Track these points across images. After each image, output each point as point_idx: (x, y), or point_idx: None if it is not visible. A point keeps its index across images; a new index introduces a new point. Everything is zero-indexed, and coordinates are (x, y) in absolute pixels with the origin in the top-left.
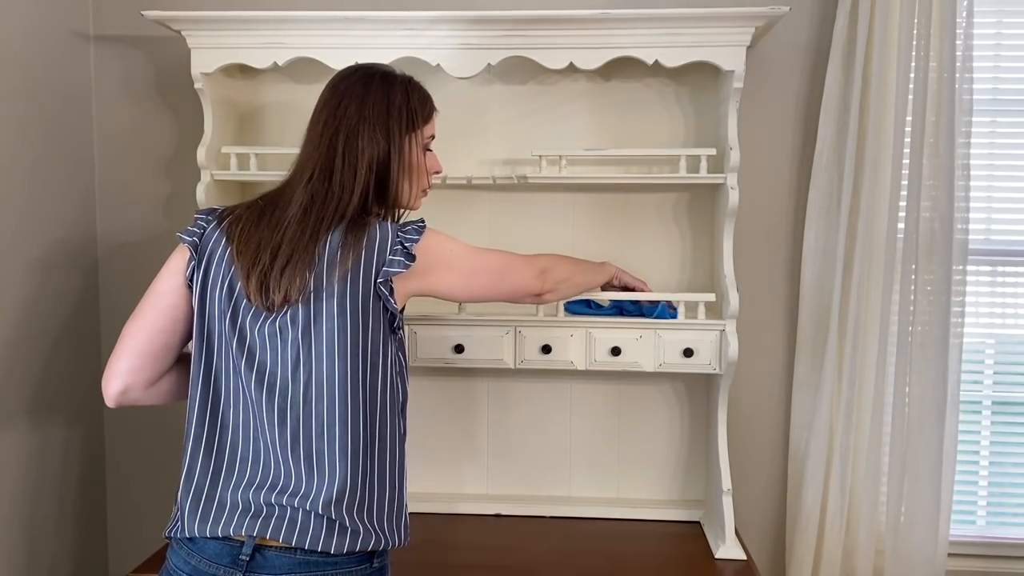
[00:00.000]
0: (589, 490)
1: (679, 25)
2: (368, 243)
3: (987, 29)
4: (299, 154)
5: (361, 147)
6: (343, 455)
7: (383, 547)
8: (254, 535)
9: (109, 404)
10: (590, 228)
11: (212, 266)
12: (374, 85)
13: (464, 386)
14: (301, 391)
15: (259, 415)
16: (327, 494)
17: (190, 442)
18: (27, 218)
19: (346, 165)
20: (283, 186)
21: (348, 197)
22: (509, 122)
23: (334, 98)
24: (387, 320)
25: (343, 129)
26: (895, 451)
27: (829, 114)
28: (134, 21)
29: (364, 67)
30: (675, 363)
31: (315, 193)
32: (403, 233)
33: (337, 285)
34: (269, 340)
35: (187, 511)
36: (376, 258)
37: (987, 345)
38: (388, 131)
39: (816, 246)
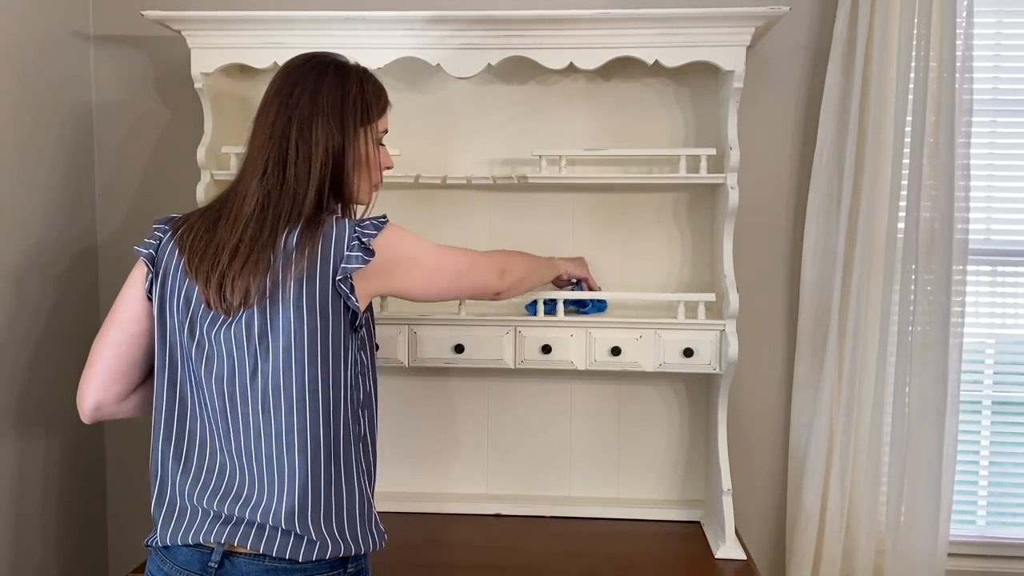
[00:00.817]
0: (589, 490)
1: (679, 25)
2: (324, 241)
3: (987, 29)
4: (249, 146)
5: (316, 138)
6: (303, 464)
7: (354, 554)
8: (222, 542)
9: (84, 420)
10: (590, 228)
11: (168, 277)
12: (328, 75)
13: (464, 386)
14: (260, 398)
15: (222, 425)
16: (288, 506)
17: (158, 454)
18: (27, 218)
19: (300, 157)
20: (235, 182)
21: (304, 191)
22: (509, 122)
23: (286, 87)
24: (348, 320)
25: (296, 119)
26: (895, 451)
27: (829, 114)
28: (134, 21)
29: (316, 56)
30: (675, 363)
31: (271, 188)
32: (360, 228)
33: (293, 287)
34: (226, 348)
35: (160, 521)
36: (333, 256)
37: (987, 345)
38: (343, 122)
39: (816, 246)
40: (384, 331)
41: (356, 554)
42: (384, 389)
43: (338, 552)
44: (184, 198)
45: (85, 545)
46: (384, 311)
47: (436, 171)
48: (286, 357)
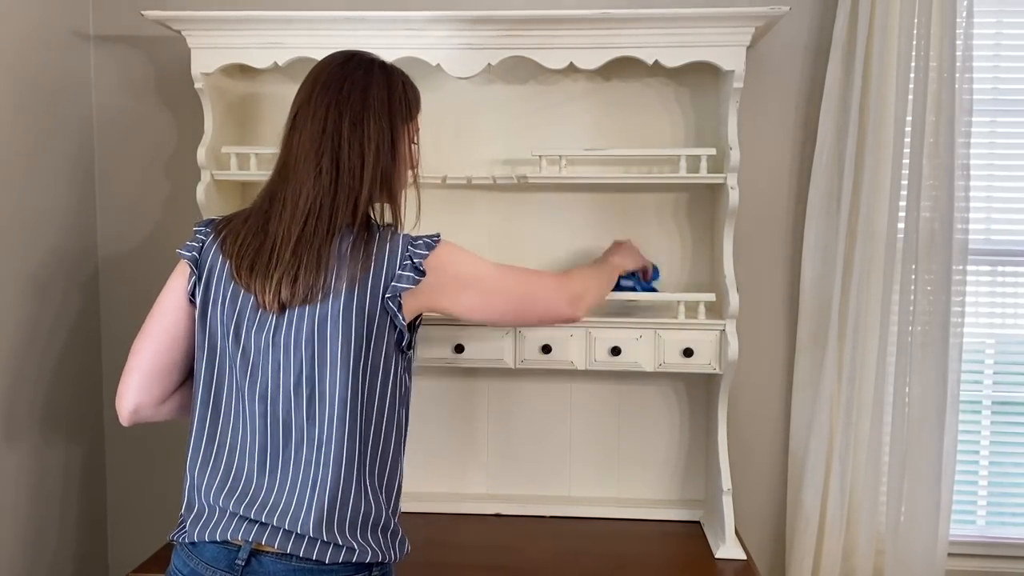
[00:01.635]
0: (589, 490)
1: (679, 25)
2: (378, 255)
3: (987, 29)
4: (294, 140)
5: (368, 134)
6: (336, 474)
7: (380, 560)
8: (250, 540)
9: (123, 423)
10: (590, 228)
11: (213, 281)
12: (375, 73)
13: (464, 386)
14: (304, 407)
15: (260, 432)
16: (316, 515)
17: (193, 458)
18: (26, 218)
19: (353, 152)
20: (281, 178)
21: (358, 186)
22: (509, 122)
23: (334, 83)
24: (394, 339)
25: (347, 115)
26: (895, 451)
27: (829, 114)
28: (134, 21)
29: (358, 54)
30: (675, 363)
31: (326, 184)
32: (413, 247)
33: (345, 296)
34: (272, 355)
35: (190, 520)
36: (385, 272)
37: (987, 345)
38: (392, 119)
39: (816, 246)
40: None
41: (381, 561)
42: None
43: (364, 558)
44: (184, 198)
45: (85, 548)
46: None
47: (436, 171)
48: (332, 366)
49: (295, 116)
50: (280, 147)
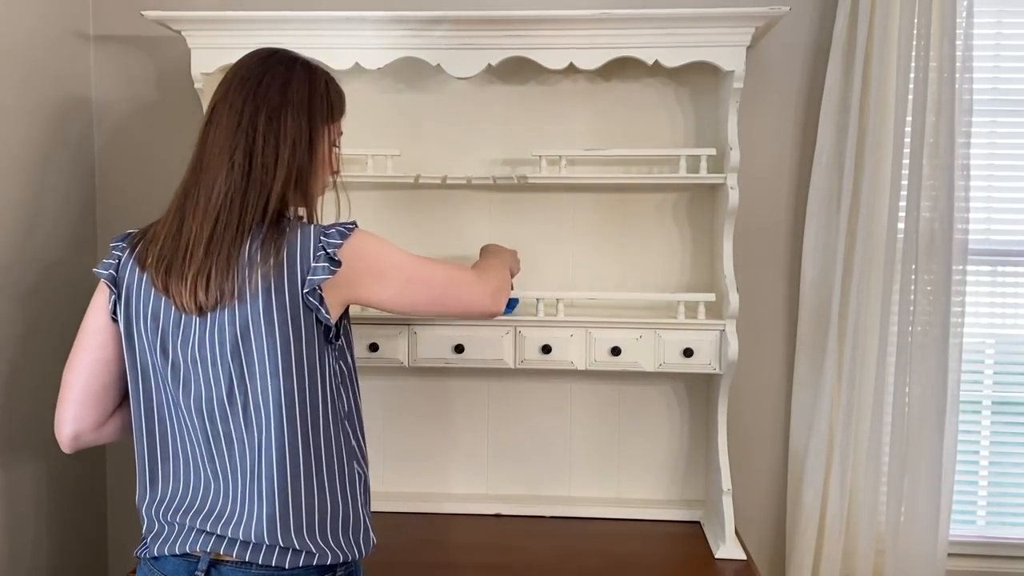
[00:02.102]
0: (589, 490)
1: (679, 25)
2: (289, 250)
3: (987, 29)
4: (209, 133)
5: (285, 130)
6: (282, 479)
7: (341, 561)
8: (208, 551)
9: (65, 450)
10: (590, 228)
11: (132, 297)
12: (296, 70)
13: (464, 386)
14: (240, 415)
15: (202, 444)
16: (268, 522)
17: (141, 478)
18: (26, 218)
19: (268, 147)
20: (195, 172)
21: (271, 182)
22: (509, 122)
23: (253, 76)
24: (322, 332)
25: (264, 109)
26: (895, 451)
27: (829, 114)
28: (134, 21)
29: (281, 51)
30: (675, 363)
31: (237, 179)
32: (325, 237)
33: (262, 297)
34: (201, 366)
35: (151, 536)
36: (300, 266)
37: (987, 345)
38: (311, 117)
39: (816, 246)
40: (384, 331)
41: (345, 561)
42: (384, 389)
43: (325, 560)
44: None
45: (84, 552)
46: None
47: (436, 171)
48: (261, 372)
49: (212, 110)
50: (196, 143)
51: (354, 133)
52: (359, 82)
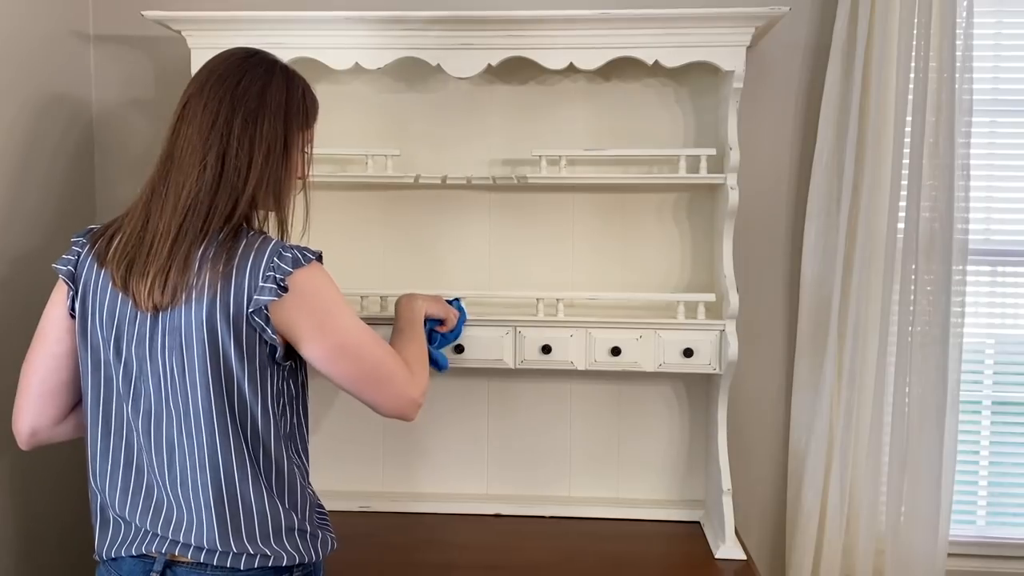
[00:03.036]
0: (589, 490)
1: (679, 25)
2: (241, 261)
3: (987, 29)
4: (181, 129)
5: (261, 134)
6: (217, 490)
7: (297, 563)
8: (163, 553)
9: (22, 447)
10: (590, 228)
11: (89, 294)
12: (276, 73)
13: (464, 386)
14: (182, 422)
15: (146, 446)
16: (219, 529)
17: (101, 476)
18: (26, 219)
19: (242, 150)
20: (165, 169)
21: (242, 186)
22: (509, 122)
23: (231, 76)
24: (267, 351)
25: (241, 111)
26: (895, 451)
27: (829, 114)
28: (134, 21)
29: (260, 52)
30: (675, 363)
31: (209, 179)
32: (279, 259)
33: (207, 304)
34: (151, 367)
35: (109, 536)
36: (248, 282)
37: (987, 345)
38: (287, 123)
39: (816, 246)
40: (384, 331)
41: (301, 562)
42: None
43: (280, 562)
44: None
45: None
46: (384, 311)
47: (436, 171)
48: (202, 380)
49: (184, 105)
50: (165, 138)
51: (354, 133)
52: (359, 82)
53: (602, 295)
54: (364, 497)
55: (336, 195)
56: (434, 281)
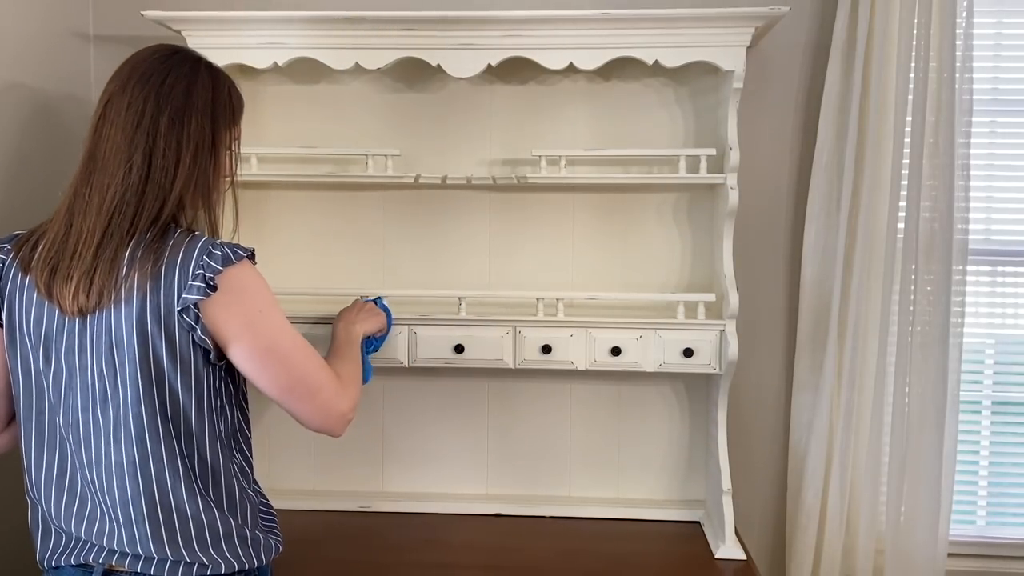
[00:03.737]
0: (589, 490)
1: (679, 25)
2: (170, 259)
3: (987, 29)
4: (106, 131)
5: (188, 133)
6: (150, 498)
7: (237, 570)
8: (101, 563)
9: None
10: (590, 228)
11: (15, 302)
12: (201, 71)
13: (464, 386)
14: (112, 428)
15: (81, 455)
16: (153, 538)
17: (36, 486)
18: (26, 219)
19: (169, 150)
20: (87, 171)
21: (170, 186)
22: (509, 122)
23: (156, 75)
24: (200, 353)
25: (167, 110)
26: (895, 451)
27: (829, 114)
28: (134, 21)
29: (183, 49)
30: (675, 363)
31: (135, 180)
32: (208, 257)
33: (136, 305)
34: (80, 375)
35: (49, 546)
36: (177, 280)
37: (987, 345)
38: (214, 121)
39: (816, 246)
40: None
41: (242, 569)
42: (384, 389)
43: (219, 570)
44: None
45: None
46: None
47: (436, 171)
48: (132, 383)
49: (106, 104)
50: (87, 138)
51: (354, 133)
52: (359, 82)
53: (602, 295)
54: (364, 497)
55: (336, 195)
56: (434, 281)
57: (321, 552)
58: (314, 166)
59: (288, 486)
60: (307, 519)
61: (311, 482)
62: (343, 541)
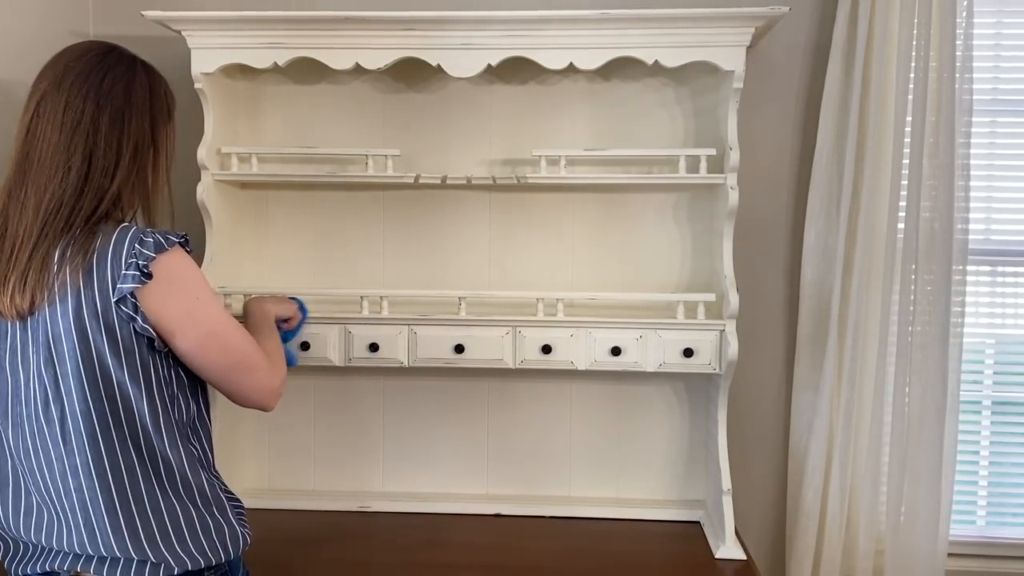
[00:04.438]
0: (589, 490)
1: (679, 25)
2: (101, 250)
3: (987, 29)
4: (41, 131)
5: (128, 131)
6: (107, 497)
7: (204, 566)
8: (66, 569)
9: None
10: (590, 228)
11: None
12: (137, 69)
13: (464, 386)
14: (58, 430)
15: (26, 464)
16: (116, 538)
17: None
18: None
19: (109, 150)
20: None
21: (108, 183)
22: (509, 122)
23: (94, 74)
24: (144, 343)
25: (108, 109)
26: (895, 451)
27: (829, 114)
28: (134, 21)
29: (117, 47)
30: (675, 363)
31: (74, 179)
32: (140, 245)
33: (72, 301)
34: (23, 376)
35: (17, 555)
36: (110, 271)
37: (987, 345)
38: (153, 119)
39: (816, 246)
40: (384, 331)
41: (209, 565)
42: (384, 389)
43: (185, 567)
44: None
45: None
46: (383, 311)
47: (436, 171)
48: (76, 382)
49: (39, 102)
50: (19, 137)
51: (354, 133)
52: (359, 82)
53: (602, 295)
54: (364, 497)
55: (336, 195)
56: (434, 281)
57: (321, 552)
58: (314, 166)
59: (288, 486)
60: (307, 519)
61: (311, 482)
62: (343, 541)
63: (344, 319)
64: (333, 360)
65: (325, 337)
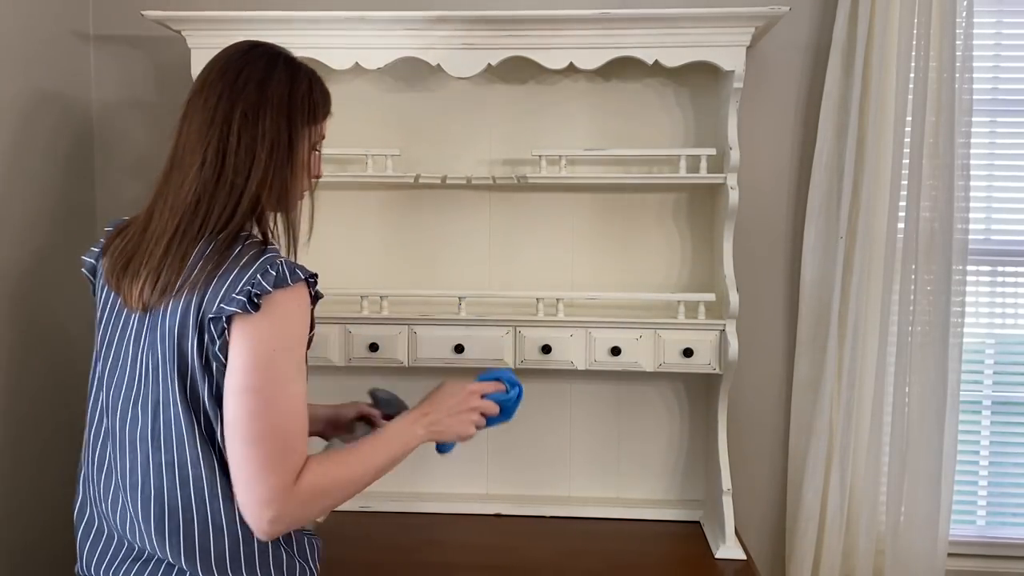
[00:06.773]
0: (589, 490)
1: (679, 25)
2: (230, 266)
3: (987, 29)
4: (183, 129)
5: (262, 129)
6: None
7: None
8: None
9: None
10: (590, 228)
11: (99, 289)
12: (278, 66)
13: None
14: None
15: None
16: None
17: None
18: (25, 219)
19: (242, 147)
20: (168, 169)
21: (243, 183)
22: (509, 122)
23: (231, 72)
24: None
25: (240, 106)
26: (895, 451)
27: (829, 114)
28: (134, 21)
29: (264, 44)
30: (675, 363)
31: (208, 178)
32: (262, 275)
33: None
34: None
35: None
36: (226, 289)
37: (987, 345)
38: (290, 118)
39: (816, 246)
40: (384, 331)
41: None
42: None
43: None
44: None
45: None
46: (383, 311)
47: (436, 171)
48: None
49: (187, 103)
50: (171, 138)
51: (354, 133)
52: (359, 82)
53: (602, 295)
54: (364, 497)
55: (336, 195)
56: (434, 281)
57: None
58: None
59: None
60: None
61: None
62: (343, 541)
63: (344, 319)
64: (333, 360)
65: (325, 337)
